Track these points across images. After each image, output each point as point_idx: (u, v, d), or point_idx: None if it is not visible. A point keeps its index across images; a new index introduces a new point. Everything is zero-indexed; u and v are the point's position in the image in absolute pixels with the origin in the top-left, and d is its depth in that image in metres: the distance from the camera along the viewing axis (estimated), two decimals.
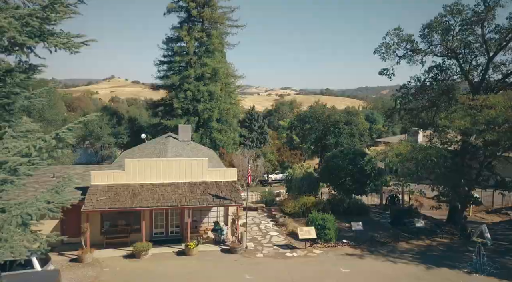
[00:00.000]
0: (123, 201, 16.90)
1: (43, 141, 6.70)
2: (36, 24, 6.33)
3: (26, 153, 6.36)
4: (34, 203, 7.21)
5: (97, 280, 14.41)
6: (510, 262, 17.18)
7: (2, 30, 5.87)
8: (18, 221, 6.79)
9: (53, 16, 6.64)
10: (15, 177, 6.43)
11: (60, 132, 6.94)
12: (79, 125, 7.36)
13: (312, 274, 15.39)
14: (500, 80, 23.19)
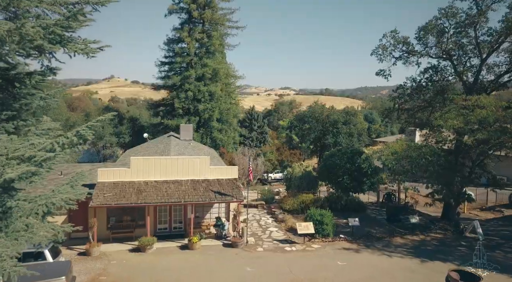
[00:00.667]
0: (129, 197, 17.59)
1: (66, 138, 7.39)
2: (60, 33, 7.01)
3: (50, 149, 7.04)
4: (57, 194, 7.89)
5: (105, 272, 15.10)
6: (499, 256, 17.89)
7: (31, 38, 6.55)
8: (44, 210, 7.48)
9: (74, 24, 7.33)
10: (43, 169, 7.13)
11: (81, 130, 7.64)
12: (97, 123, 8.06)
13: (310, 267, 16.08)
14: (493, 81, 23.92)
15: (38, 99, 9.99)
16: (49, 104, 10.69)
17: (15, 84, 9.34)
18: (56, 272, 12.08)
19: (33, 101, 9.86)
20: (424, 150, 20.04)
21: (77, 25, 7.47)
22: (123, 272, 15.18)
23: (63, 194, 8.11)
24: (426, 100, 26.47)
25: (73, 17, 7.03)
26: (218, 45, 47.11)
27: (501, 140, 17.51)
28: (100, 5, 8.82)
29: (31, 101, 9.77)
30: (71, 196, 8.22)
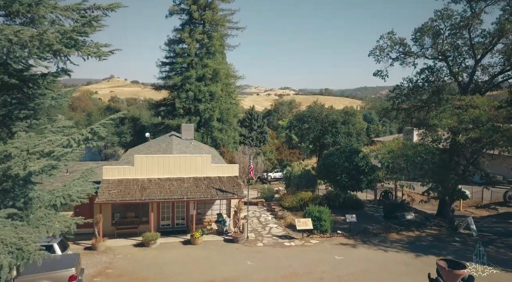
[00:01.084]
0: (133, 193, 18.18)
1: (81, 134, 7.98)
2: (76, 38, 7.61)
3: (67, 145, 7.62)
4: (72, 187, 8.48)
5: (111, 265, 15.70)
6: (491, 251, 18.48)
7: (50, 43, 7.13)
8: (62, 201, 8.07)
9: (89, 30, 7.92)
10: (61, 163, 7.72)
11: (95, 127, 8.23)
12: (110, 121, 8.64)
13: (309, 261, 16.67)
14: (487, 82, 24.53)
15: (49, 99, 10.61)
16: (60, 104, 11.32)
17: (30, 85, 9.96)
18: (67, 264, 12.67)
19: (45, 101, 10.47)
20: (419, 148, 20.66)
21: (91, 31, 8.05)
22: (129, 266, 15.78)
23: (77, 187, 8.72)
24: (423, 100, 27.13)
25: (88, 23, 7.61)
26: (219, 45, 47.73)
27: (493, 138, 18.11)
28: (110, 10, 9.43)
29: (43, 101, 10.38)
30: (85, 188, 8.81)
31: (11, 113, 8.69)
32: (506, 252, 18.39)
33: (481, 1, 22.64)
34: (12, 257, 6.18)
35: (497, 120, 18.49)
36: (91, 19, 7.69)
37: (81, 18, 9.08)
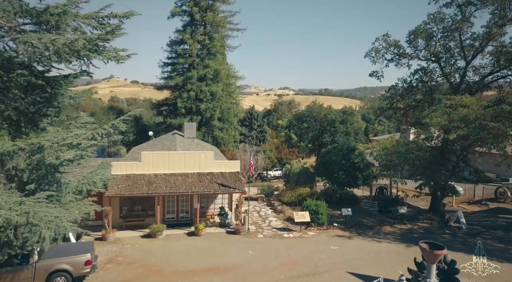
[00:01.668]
0: (140, 188, 19.26)
1: (103, 129, 9.04)
2: (100, 44, 8.67)
3: (91, 138, 8.67)
4: (95, 176, 9.53)
5: (121, 254, 16.77)
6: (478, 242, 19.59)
7: (78, 49, 8.20)
8: (87, 187, 9.13)
9: (111, 37, 8.98)
10: (90, 153, 8.79)
11: (116, 123, 9.29)
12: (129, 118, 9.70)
13: (306, 251, 17.75)
14: (478, 82, 25.62)
15: (68, 98, 11.69)
16: (78, 103, 12.40)
17: (53, 85, 11.03)
18: (83, 250, 13.75)
19: (65, 100, 11.56)
20: (411, 146, 21.75)
21: (113, 37, 9.12)
22: (137, 254, 16.86)
23: (99, 176, 9.79)
24: (417, 100, 28.24)
25: (111, 32, 8.68)
26: (219, 46, 48.82)
27: (479, 136, 19.17)
28: (125, 18, 10.50)
29: (63, 99, 11.47)
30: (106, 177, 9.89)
31: (40, 111, 9.75)
32: (492, 243, 19.48)
33: (471, 6, 23.72)
34: (51, 232, 7.24)
35: (484, 119, 19.54)
36: (114, 28, 8.74)
37: (100, 25, 10.16)
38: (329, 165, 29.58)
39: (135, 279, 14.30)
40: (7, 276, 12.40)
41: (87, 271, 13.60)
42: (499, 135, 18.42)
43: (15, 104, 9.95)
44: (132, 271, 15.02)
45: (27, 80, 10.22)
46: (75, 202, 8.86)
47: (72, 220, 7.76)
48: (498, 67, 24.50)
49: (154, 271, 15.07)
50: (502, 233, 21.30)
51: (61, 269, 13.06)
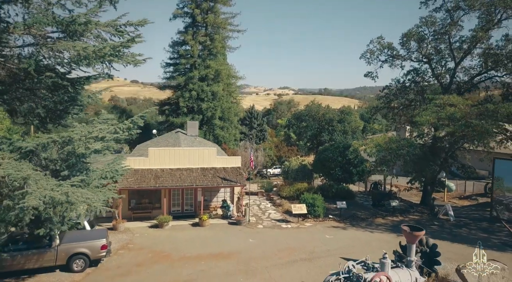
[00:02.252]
0: (148, 181, 20.60)
1: (124, 124, 10.36)
2: (122, 50, 10.01)
3: (114, 132, 9.99)
4: (116, 165, 10.85)
5: (131, 242, 18.13)
6: (464, 232, 20.98)
7: (104, 55, 9.54)
8: (110, 175, 10.45)
9: (131, 44, 10.32)
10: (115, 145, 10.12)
11: (135, 118, 10.61)
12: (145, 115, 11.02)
13: (303, 239, 19.12)
14: (467, 82, 26.97)
15: (86, 97, 13.04)
16: (96, 101, 13.76)
17: (76, 86, 12.38)
18: (99, 236, 15.11)
19: (84, 99, 12.92)
20: (402, 142, 23.10)
21: (133, 44, 10.46)
22: (146, 242, 18.22)
23: (119, 165, 11.12)
24: (409, 99, 29.59)
25: (132, 40, 10.03)
26: (220, 47, 50.13)
27: (465, 133, 20.52)
28: (140, 26, 11.83)
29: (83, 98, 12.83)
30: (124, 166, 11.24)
31: (67, 109, 11.10)
32: (476, 233, 20.86)
33: (459, 10, 25.07)
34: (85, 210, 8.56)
35: (470, 117, 20.87)
36: (135, 37, 10.08)
37: (117, 32, 11.48)
38: (326, 161, 30.94)
39: (146, 262, 15.66)
40: (33, 258, 13.76)
41: (103, 254, 14.97)
42: (482, 133, 19.76)
43: (44, 103, 11.29)
44: (143, 256, 16.38)
45: (54, 81, 11.56)
46: (100, 187, 10.17)
47: (101, 201, 9.09)
48: (486, 69, 25.85)
49: (163, 256, 16.43)
50: (487, 224, 22.65)
51: (80, 252, 14.42)
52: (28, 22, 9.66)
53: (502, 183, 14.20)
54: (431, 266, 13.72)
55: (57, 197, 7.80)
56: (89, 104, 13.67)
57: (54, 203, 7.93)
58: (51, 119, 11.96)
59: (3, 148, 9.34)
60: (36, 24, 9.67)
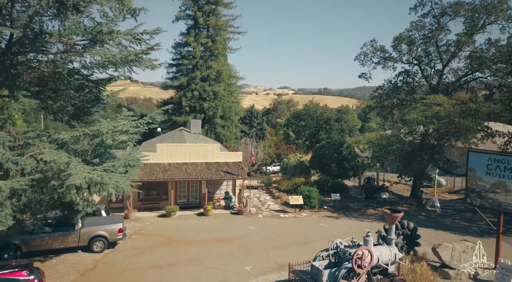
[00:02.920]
0: (157, 174, 22.36)
1: (144, 120, 12.10)
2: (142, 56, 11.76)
3: (135, 126, 11.73)
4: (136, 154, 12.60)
5: (143, 229, 19.90)
6: (448, 221, 22.81)
7: (129, 61, 11.28)
8: (132, 163, 12.19)
9: (150, 51, 12.08)
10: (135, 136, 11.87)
11: (153, 114, 12.36)
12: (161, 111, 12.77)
13: (299, 227, 20.89)
14: (453, 83, 28.77)
15: (106, 96, 14.80)
16: (114, 100, 15.53)
17: (99, 87, 14.13)
18: (116, 221, 16.90)
19: (105, 98, 14.67)
20: (392, 139, 24.89)
21: (151, 51, 12.22)
22: (156, 229, 20.00)
23: (138, 155, 12.88)
24: (400, 99, 31.39)
25: (152, 48, 11.79)
26: (221, 49, 51.84)
27: (448, 129, 22.30)
28: (154, 34, 13.58)
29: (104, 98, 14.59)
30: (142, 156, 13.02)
31: (93, 106, 12.87)
32: (459, 222, 22.68)
33: (446, 16, 26.86)
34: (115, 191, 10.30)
35: (454, 116, 22.64)
36: (154, 45, 11.84)
37: (135, 39, 13.22)
38: (323, 158, 32.71)
39: (158, 245, 17.44)
40: (59, 239, 15.53)
41: (119, 237, 16.74)
42: (463, 130, 21.54)
43: (73, 101, 13.06)
44: (154, 240, 18.15)
45: (80, 82, 13.33)
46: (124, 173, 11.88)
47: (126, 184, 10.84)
48: (471, 70, 27.65)
49: (172, 240, 18.21)
50: (470, 215, 24.45)
51: (99, 235, 16.19)
52: (63, 33, 11.39)
53: (475, 173, 15.87)
54: (411, 246, 15.52)
55: (94, 178, 9.53)
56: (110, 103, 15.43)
57: (92, 183, 9.66)
58: (79, 116, 13.73)
59: (44, 139, 11.08)
60: (70, 34, 11.41)
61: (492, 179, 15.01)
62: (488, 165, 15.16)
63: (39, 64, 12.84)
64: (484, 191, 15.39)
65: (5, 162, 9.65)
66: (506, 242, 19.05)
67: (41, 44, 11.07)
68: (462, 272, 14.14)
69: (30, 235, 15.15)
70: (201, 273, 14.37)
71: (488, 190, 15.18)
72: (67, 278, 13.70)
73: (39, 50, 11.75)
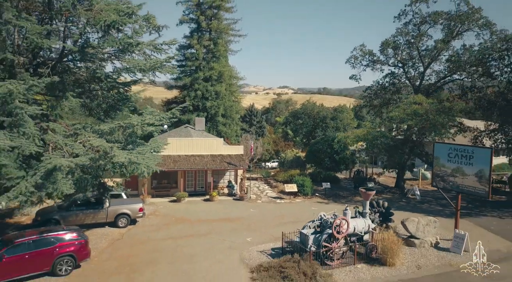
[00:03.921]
0: (168, 164, 25.37)
1: (167, 115, 15.08)
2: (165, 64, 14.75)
3: (159, 120, 14.72)
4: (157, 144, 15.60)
5: (157, 211, 22.93)
6: (425, 207, 25.89)
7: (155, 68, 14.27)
8: (156, 149, 15.15)
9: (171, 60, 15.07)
10: (161, 127, 14.82)
11: (173, 110, 15.35)
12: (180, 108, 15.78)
13: (293, 210, 23.94)
14: (433, 84, 31.83)
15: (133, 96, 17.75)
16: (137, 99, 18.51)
17: (126, 88, 17.11)
18: (137, 201, 20.03)
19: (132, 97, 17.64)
20: (377, 134, 27.94)
21: (171, 59, 15.23)
22: (169, 211, 23.03)
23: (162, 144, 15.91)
24: (387, 99, 34.44)
25: (172, 57, 14.80)
26: (223, 51, 54.77)
27: (424, 125, 25.33)
28: (171, 45, 16.57)
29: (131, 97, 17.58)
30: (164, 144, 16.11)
31: (124, 104, 15.88)
32: (434, 207, 25.78)
33: (425, 24, 29.90)
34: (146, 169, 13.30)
35: (430, 113, 25.65)
36: (174, 55, 14.84)
37: (155, 49, 16.18)
38: (317, 152, 35.75)
39: (171, 223, 20.48)
40: (90, 215, 18.57)
41: (140, 215, 19.80)
42: (437, 125, 24.58)
43: (108, 100, 16.08)
44: (168, 219, 21.19)
45: (112, 84, 16.33)
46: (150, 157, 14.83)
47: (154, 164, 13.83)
48: (450, 73, 30.70)
49: (183, 220, 21.24)
50: (446, 201, 27.46)
51: (123, 213, 19.23)
52: (102, 45, 14.38)
53: (439, 161, 18.87)
54: (385, 221, 18.57)
55: (132, 158, 12.48)
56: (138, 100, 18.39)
57: (130, 162, 12.61)
58: (109, 112, 16.73)
59: (88, 130, 14.06)
60: (108, 46, 14.40)
61: (452, 165, 18.08)
62: (449, 153, 18.23)
63: (79, 70, 15.91)
64: (446, 175, 18.47)
65: (64, 146, 12.64)
66: (471, 222, 22.22)
67: (86, 54, 14.06)
68: (425, 240, 17.19)
69: (67, 212, 18.22)
70: (211, 242, 17.43)
71: (449, 174, 18.24)
72: (101, 245, 16.74)
73: (84, 59, 14.73)
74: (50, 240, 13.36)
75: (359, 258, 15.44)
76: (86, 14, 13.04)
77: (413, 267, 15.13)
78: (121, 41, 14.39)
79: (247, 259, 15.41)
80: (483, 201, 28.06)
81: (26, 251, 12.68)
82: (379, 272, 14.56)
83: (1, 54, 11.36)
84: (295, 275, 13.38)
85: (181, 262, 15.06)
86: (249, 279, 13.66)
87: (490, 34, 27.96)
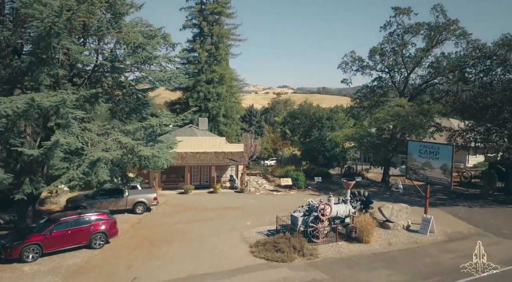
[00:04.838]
0: (177, 160, 28.39)
1: (180, 117, 18.15)
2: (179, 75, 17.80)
3: (174, 121, 17.74)
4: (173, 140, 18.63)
5: (168, 201, 26.01)
6: (405, 198, 28.96)
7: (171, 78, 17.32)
8: (172, 145, 18.20)
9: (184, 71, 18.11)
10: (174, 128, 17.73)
11: (186, 113, 18.39)
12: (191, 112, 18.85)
13: (288, 201, 27.01)
14: (416, 88, 34.93)
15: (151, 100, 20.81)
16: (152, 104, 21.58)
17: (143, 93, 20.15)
18: (151, 192, 23.10)
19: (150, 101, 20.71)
20: (364, 133, 31.03)
21: (185, 71, 18.29)
22: (178, 201, 26.12)
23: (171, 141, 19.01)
24: (375, 101, 37.55)
25: (184, 69, 17.82)
26: (224, 54, 57.80)
27: (404, 125, 28.42)
28: (181, 58, 19.69)
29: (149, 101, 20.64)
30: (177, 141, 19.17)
31: (144, 108, 18.95)
32: (414, 199, 28.84)
33: (408, 33, 32.98)
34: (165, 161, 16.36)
35: (410, 115, 28.73)
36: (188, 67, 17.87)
37: (169, 61, 19.23)
38: (312, 150, 38.87)
39: (181, 211, 23.56)
40: (112, 203, 21.65)
41: (154, 204, 22.89)
42: (416, 126, 27.68)
43: (130, 104, 19.15)
44: (178, 208, 24.28)
45: (132, 91, 19.39)
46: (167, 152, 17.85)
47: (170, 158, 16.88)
48: (431, 78, 33.81)
49: (192, 208, 24.34)
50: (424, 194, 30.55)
51: (140, 201, 22.31)
52: (129, 60, 17.43)
53: (412, 156, 21.96)
54: (365, 208, 21.66)
55: (155, 152, 15.52)
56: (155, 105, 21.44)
57: (153, 156, 15.63)
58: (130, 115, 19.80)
59: (116, 129, 17.13)
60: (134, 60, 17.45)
61: (422, 160, 21.18)
62: (420, 150, 21.33)
63: (106, 79, 18.97)
64: (417, 168, 21.57)
65: (98, 142, 15.71)
66: (443, 210, 25.33)
67: (115, 67, 17.12)
68: (398, 224, 20.29)
69: (93, 200, 21.30)
70: (216, 225, 20.52)
71: (420, 168, 21.34)
72: (124, 227, 19.81)
73: (113, 71, 17.80)
74: (87, 219, 16.45)
75: (340, 237, 18.52)
76: (117, 36, 16.11)
77: (385, 244, 18.20)
78: (143, 56, 17.46)
79: (247, 238, 18.48)
80: (459, 193, 31.30)
81: (69, 227, 15.77)
82: (356, 248, 17.63)
83: (54, 70, 14.39)
84: (286, 248, 16.46)
85: (191, 240, 18.13)
86: (248, 252, 16.71)
87: (466, 43, 31.07)
